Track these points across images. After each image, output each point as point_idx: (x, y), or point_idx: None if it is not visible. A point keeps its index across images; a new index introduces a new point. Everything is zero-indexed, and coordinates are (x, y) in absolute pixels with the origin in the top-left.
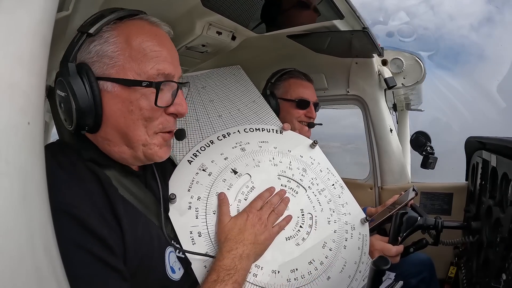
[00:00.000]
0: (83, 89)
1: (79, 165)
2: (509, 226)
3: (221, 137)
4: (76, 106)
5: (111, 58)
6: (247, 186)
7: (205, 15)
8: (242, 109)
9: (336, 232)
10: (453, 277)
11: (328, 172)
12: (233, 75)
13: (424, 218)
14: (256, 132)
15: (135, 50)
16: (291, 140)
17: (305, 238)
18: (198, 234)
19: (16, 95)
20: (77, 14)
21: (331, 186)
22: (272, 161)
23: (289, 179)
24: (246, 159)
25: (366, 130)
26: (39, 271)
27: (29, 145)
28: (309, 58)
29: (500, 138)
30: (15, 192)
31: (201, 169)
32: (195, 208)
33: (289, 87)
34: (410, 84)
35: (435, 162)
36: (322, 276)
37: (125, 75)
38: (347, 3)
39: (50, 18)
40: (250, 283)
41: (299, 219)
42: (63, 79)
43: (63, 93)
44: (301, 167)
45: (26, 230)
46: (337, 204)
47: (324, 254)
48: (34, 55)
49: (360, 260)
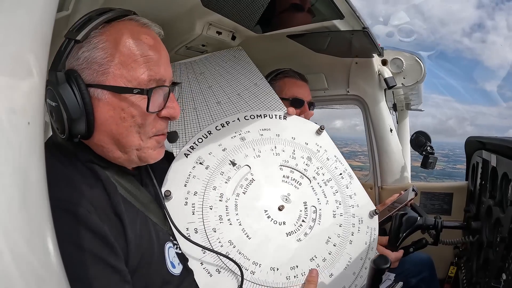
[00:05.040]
0: (74, 98)
1: (78, 164)
2: (509, 226)
3: (219, 127)
4: (67, 115)
5: (100, 65)
6: (246, 179)
7: (205, 15)
8: (242, 94)
9: (341, 226)
10: (453, 276)
11: (336, 160)
12: (233, 57)
13: (423, 218)
14: (257, 119)
15: (125, 56)
16: (295, 126)
17: (308, 233)
18: (194, 230)
19: (16, 95)
20: (77, 14)
21: (338, 176)
22: (274, 150)
23: (292, 170)
24: (246, 149)
25: (366, 130)
26: (39, 271)
27: (29, 145)
28: (309, 58)
29: (500, 138)
30: (15, 192)
31: (198, 163)
32: (191, 204)
33: (284, 86)
34: (410, 84)
35: (435, 162)
36: (324, 273)
37: (115, 82)
38: (347, 3)
39: (50, 18)
40: (247, 281)
41: (302, 213)
42: (52, 88)
43: (53, 102)
44: (305, 155)
45: (25, 231)
46: (344, 196)
47: (327, 250)
48: (34, 55)
49: (367, 256)
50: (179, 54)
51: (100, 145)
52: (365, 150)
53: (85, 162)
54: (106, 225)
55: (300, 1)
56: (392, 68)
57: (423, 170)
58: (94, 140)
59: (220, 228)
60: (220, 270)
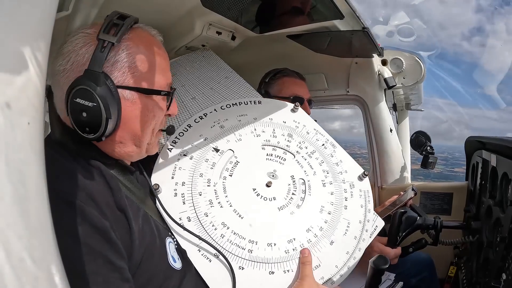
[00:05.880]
0: (112, 98)
1: (80, 160)
2: (509, 226)
3: (198, 119)
4: (107, 115)
5: (130, 68)
6: (231, 162)
7: (205, 15)
8: (215, 88)
9: (333, 194)
10: (453, 276)
11: (316, 133)
12: (202, 57)
13: (423, 218)
14: (233, 107)
15: (148, 62)
16: (271, 108)
17: (300, 205)
18: (187, 219)
19: (16, 95)
20: (77, 14)
21: (321, 147)
22: (254, 132)
23: (274, 147)
24: (227, 136)
25: (366, 130)
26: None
27: (29, 145)
28: (309, 58)
29: (500, 138)
30: (15, 192)
31: (182, 155)
32: (181, 194)
33: (283, 85)
34: (410, 84)
35: (435, 162)
36: (323, 242)
37: (143, 84)
38: (347, 3)
39: (50, 18)
40: (246, 260)
41: (291, 186)
42: (90, 89)
43: (90, 103)
44: (286, 133)
45: (25, 231)
46: (330, 164)
47: (322, 219)
48: (34, 55)
49: (365, 218)
50: (179, 54)
51: (118, 142)
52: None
53: (89, 159)
54: (110, 220)
55: (300, 2)
56: (392, 68)
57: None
58: (114, 137)
59: (211, 212)
60: (218, 255)
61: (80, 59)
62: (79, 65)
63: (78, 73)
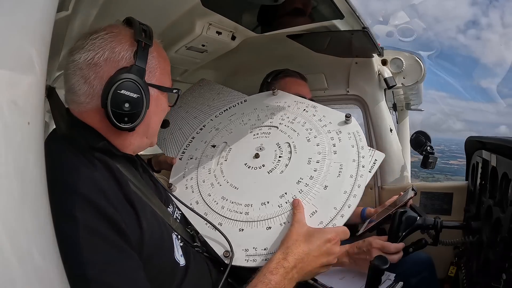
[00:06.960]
0: (147, 93)
1: (87, 153)
2: (509, 226)
3: (198, 131)
4: (147, 106)
5: (153, 68)
6: (225, 151)
7: (205, 15)
8: (211, 104)
9: (319, 145)
10: (453, 276)
11: (297, 103)
12: (199, 87)
13: (423, 218)
14: (224, 112)
15: (164, 64)
16: (255, 101)
17: (287, 164)
18: (196, 202)
19: (16, 95)
20: (77, 14)
21: (302, 112)
22: (242, 122)
23: (260, 127)
24: (221, 134)
25: (366, 130)
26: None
27: (29, 145)
28: (309, 58)
29: (500, 138)
30: (15, 192)
31: (189, 158)
32: (190, 186)
33: (285, 85)
34: (410, 83)
35: (435, 161)
36: (316, 188)
37: (161, 83)
38: (347, 3)
39: (50, 18)
40: (243, 222)
41: (277, 151)
42: (138, 82)
43: (135, 94)
44: (269, 113)
45: (25, 231)
46: (313, 122)
47: (311, 169)
48: (34, 55)
49: (359, 155)
50: (179, 54)
51: (136, 133)
52: None
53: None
54: (121, 213)
55: (300, 2)
56: (392, 68)
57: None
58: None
59: (213, 192)
60: (222, 223)
61: (115, 56)
62: (113, 61)
63: (111, 68)
